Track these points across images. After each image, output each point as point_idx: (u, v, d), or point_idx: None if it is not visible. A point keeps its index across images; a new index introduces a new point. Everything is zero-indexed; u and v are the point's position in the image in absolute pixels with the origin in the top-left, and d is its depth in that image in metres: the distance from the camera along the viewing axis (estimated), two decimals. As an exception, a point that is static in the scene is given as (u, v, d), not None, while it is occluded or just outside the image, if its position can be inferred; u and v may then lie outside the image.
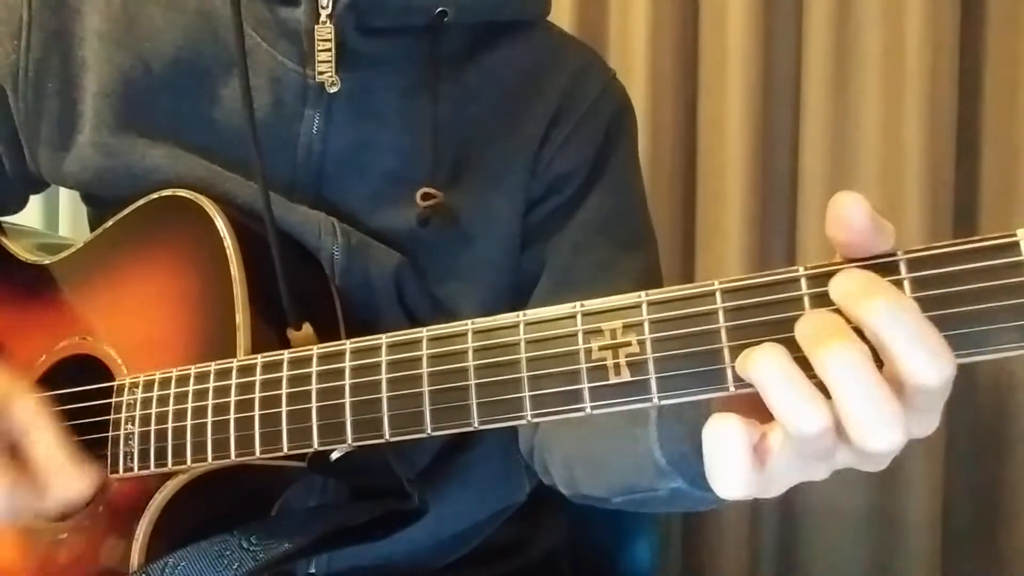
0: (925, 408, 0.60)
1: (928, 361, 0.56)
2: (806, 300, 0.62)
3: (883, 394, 0.57)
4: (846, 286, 0.60)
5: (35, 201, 1.28)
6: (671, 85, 1.86)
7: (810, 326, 0.60)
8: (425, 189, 1.07)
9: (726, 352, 0.63)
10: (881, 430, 0.57)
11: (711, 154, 1.86)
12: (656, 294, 0.67)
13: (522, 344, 0.71)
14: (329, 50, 1.04)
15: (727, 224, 1.82)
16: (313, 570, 1.15)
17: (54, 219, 2.21)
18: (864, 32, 1.79)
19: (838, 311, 0.60)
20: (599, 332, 0.68)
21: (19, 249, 1.17)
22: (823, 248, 1.78)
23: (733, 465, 0.62)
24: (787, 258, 1.86)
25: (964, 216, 1.79)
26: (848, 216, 0.60)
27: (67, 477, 0.89)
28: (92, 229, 1.16)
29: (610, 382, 0.67)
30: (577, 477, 1.05)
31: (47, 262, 1.13)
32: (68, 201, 2.17)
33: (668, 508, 1.04)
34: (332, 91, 1.07)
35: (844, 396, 0.57)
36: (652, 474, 0.89)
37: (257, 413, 0.85)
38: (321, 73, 1.05)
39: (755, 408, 0.63)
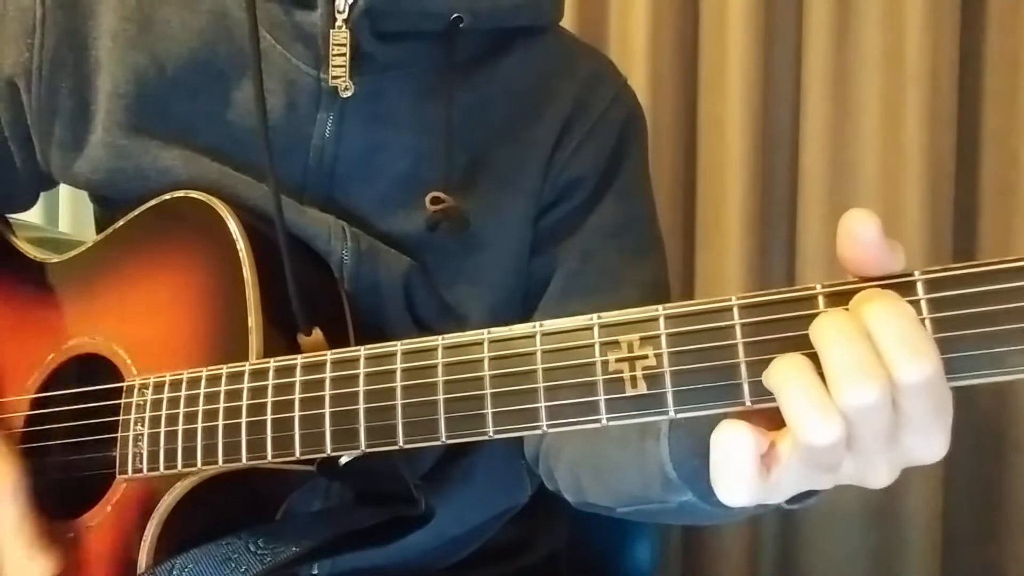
0: (920, 418, 0.60)
1: (909, 356, 0.58)
2: (823, 317, 0.62)
3: (869, 355, 0.59)
4: (856, 296, 0.61)
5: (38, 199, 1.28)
6: (671, 85, 1.86)
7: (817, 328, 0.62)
8: (434, 193, 1.07)
9: (743, 367, 0.64)
10: (862, 386, 0.58)
11: (711, 154, 1.86)
12: (674, 308, 0.67)
13: (538, 354, 0.71)
14: (344, 55, 1.04)
15: (727, 224, 1.82)
16: (316, 571, 1.15)
17: (54, 216, 2.20)
18: (864, 32, 1.79)
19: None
20: (616, 344, 0.68)
21: (27, 246, 1.17)
22: (823, 249, 1.79)
23: (739, 473, 0.63)
24: (787, 258, 1.86)
25: (964, 216, 1.80)
26: (859, 232, 0.61)
27: (19, 567, 0.91)
28: (99, 229, 1.16)
29: (626, 395, 0.67)
30: (584, 486, 1.06)
31: (56, 260, 1.13)
32: (68, 198, 2.17)
33: (675, 520, 1.04)
34: (346, 95, 1.06)
35: (831, 349, 0.60)
36: (662, 487, 0.89)
37: (270, 417, 0.85)
38: (335, 77, 1.04)
39: (768, 419, 0.63)
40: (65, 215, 2.18)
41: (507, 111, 1.15)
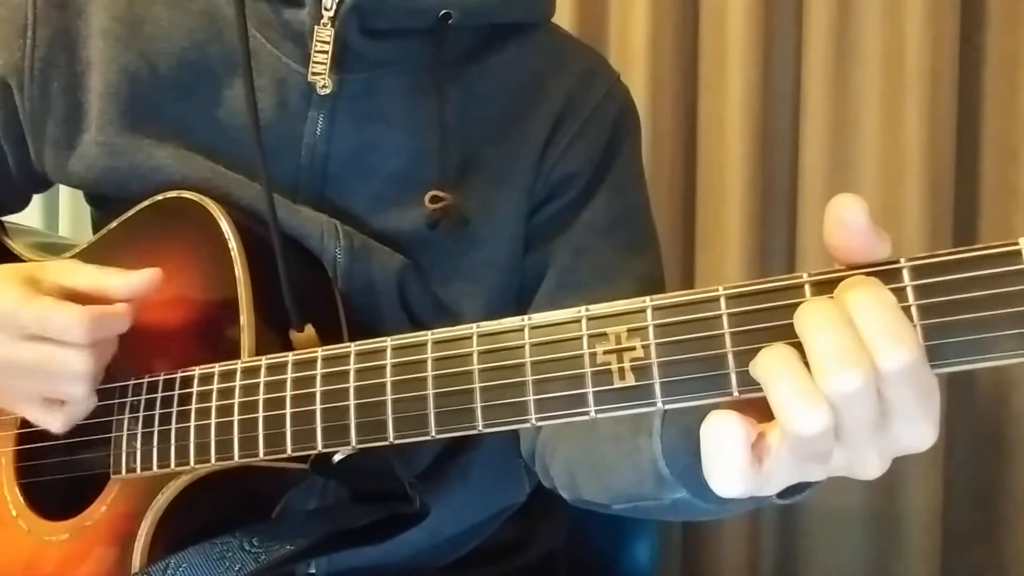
0: (905, 405, 0.60)
1: (891, 344, 0.58)
2: (810, 306, 0.62)
3: (852, 342, 0.58)
4: (843, 283, 0.61)
5: (35, 201, 1.28)
6: (671, 85, 1.86)
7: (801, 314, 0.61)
8: (434, 192, 1.07)
9: (730, 357, 0.64)
10: (846, 373, 0.58)
11: (711, 154, 1.85)
12: (661, 299, 0.67)
13: (527, 348, 0.71)
14: (325, 52, 1.04)
15: (727, 224, 1.81)
16: (313, 570, 1.15)
17: (54, 219, 2.21)
18: (864, 32, 1.79)
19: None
20: (604, 336, 0.68)
21: (22, 249, 1.17)
22: (823, 248, 1.76)
23: (730, 462, 0.63)
24: (787, 258, 1.85)
25: (964, 216, 1.79)
26: (846, 217, 0.60)
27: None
28: (95, 230, 1.16)
29: (614, 386, 0.67)
30: (579, 482, 1.06)
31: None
32: (68, 201, 2.17)
33: (669, 517, 1.04)
34: (323, 93, 1.07)
35: (814, 335, 0.59)
36: (655, 484, 0.89)
37: (261, 415, 0.85)
38: (315, 74, 1.05)
39: (759, 412, 0.63)
40: (65, 219, 2.19)
41: (499, 108, 1.15)
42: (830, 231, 0.62)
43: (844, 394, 0.58)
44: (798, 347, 0.60)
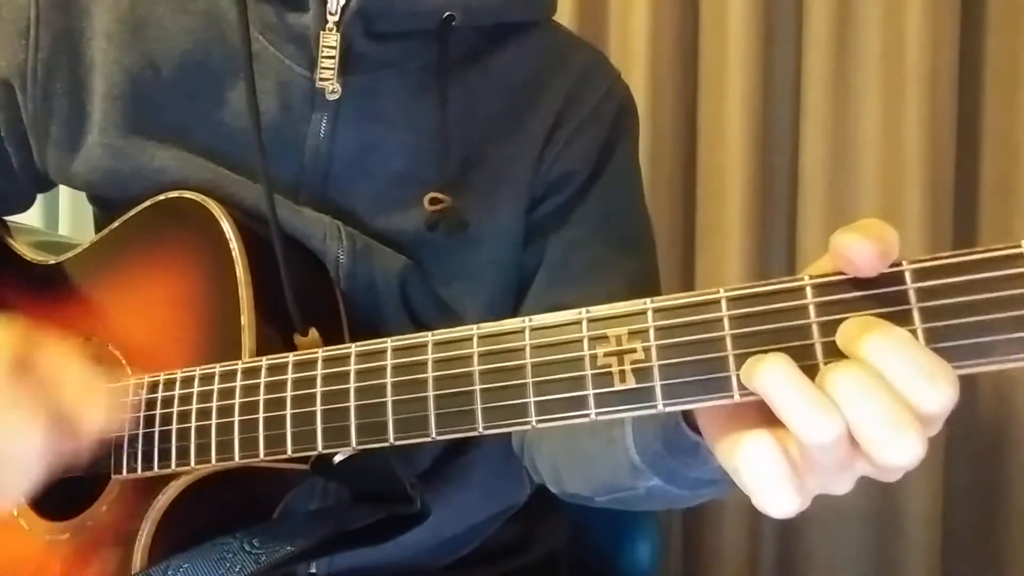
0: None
1: (929, 386, 0.56)
2: (811, 309, 0.62)
3: (896, 406, 0.56)
4: (844, 334, 0.60)
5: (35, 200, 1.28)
6: (671, 85, 1.86)
7: None
8: (433, 194, 1.07)
9: (731, 360, 0.63)
10: (899, 443, 0.56)
11: (711, 154, 1.86)
12: (662, 301, 0.67)
13: (527, 349, 0.71)
14: (333, 57, 1.04)
15: (727, 224, 1.82)
16: (314, 570, 1.15)
17: (54, 219, 2.21)
18: (864, 32, 1.79)
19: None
20: (605, 338, 0.68)
21: (24, 248, 1.17)
22: (822, 249, 1.76)
23: (778, 478, 0.61)
24: (787, 258, 1.86)
25: (964, 216, 1.80)
26: (854, 256, 0.60)
27: (95, 403, 0.90)
28: (98, 229, 1.16)
29: (615, 389, 0.67)
30: (563, 476, 1.07)
31: (52, 262, 1.13)
32: (68, 201, 2.17)
33: (651, 506, 1.04)
34: (332, 98, 1.06)
35: (858, 413, 0.57)
36: (629, 474, 0.90)
37: (262, 415, 0.85)
38: (324, 79, 1.05)
39: (757, 421, 0.63)
40: (65, 218, 2.19)
41: (500, 107, 1.15)
42: (837, 262, 0.61)
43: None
44: (792, 351, 0.60)
